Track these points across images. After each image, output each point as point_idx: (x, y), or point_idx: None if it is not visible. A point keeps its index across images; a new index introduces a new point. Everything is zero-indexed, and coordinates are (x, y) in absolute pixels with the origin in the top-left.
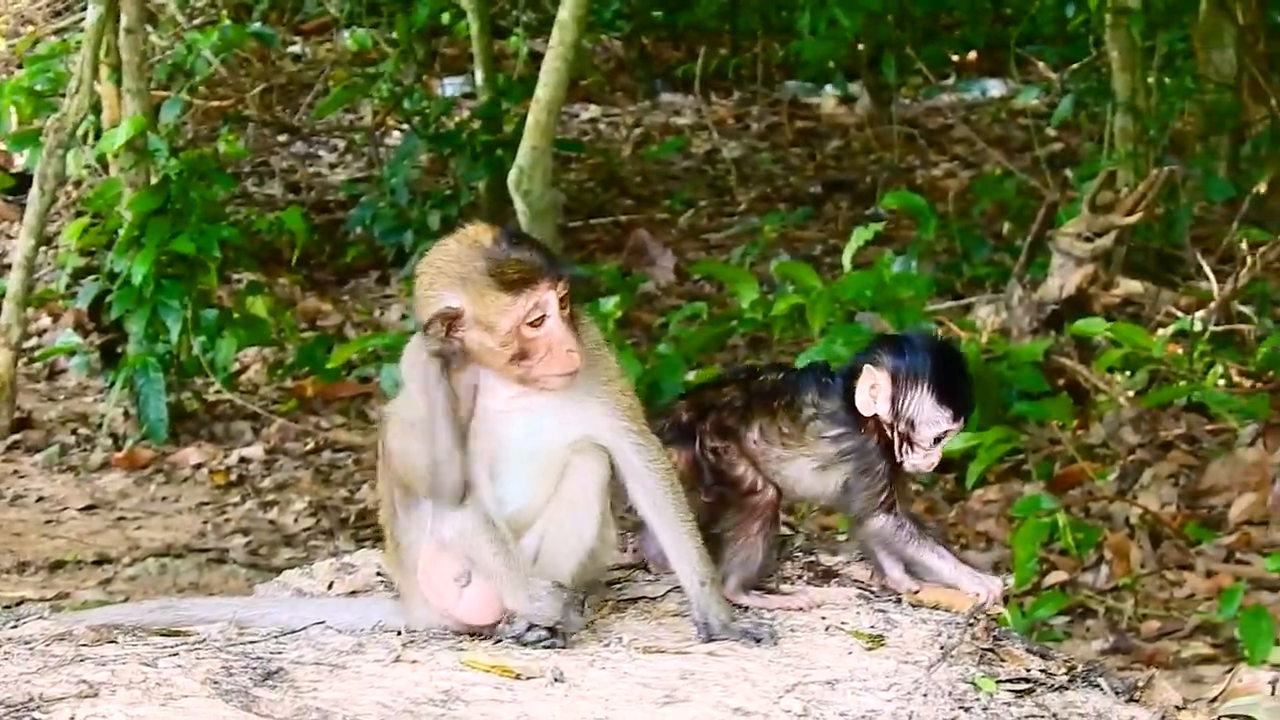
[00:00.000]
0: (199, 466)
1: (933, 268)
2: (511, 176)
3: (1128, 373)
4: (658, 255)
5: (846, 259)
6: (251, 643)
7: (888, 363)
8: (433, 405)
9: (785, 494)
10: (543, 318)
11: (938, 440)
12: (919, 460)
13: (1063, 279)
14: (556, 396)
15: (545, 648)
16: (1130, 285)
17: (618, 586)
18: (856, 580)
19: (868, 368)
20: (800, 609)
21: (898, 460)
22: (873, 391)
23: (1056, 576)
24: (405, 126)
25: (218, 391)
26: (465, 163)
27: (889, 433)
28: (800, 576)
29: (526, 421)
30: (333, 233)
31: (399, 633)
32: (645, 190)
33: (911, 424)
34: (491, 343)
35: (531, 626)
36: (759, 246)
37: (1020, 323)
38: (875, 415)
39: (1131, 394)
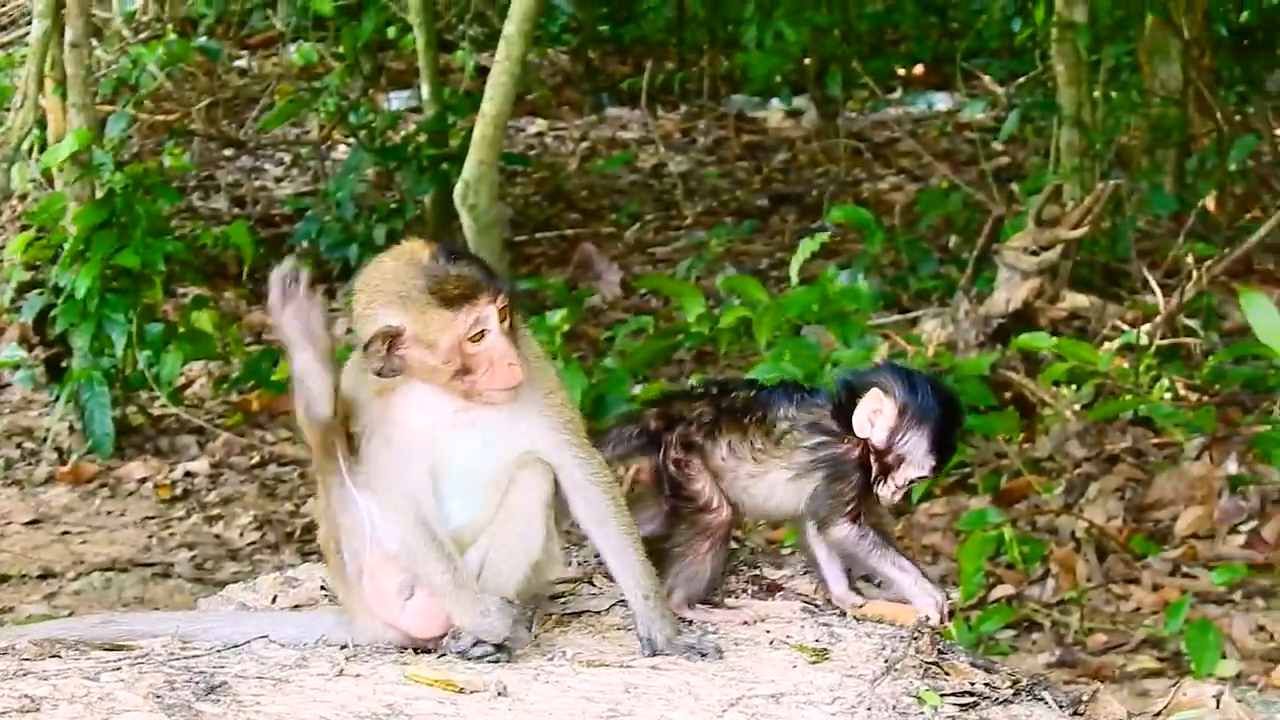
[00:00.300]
0: (144, 480)
1: (879, 281)
2: (458, 190)
3: (1074, 386)
4: (604, 269)
5: (793, 273)
6: (194, 657)
7: (900, 394)
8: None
9: (751, 513)
10: (483, 333)
11: (911, 482)
12: (886, 492)
13: (1008, 293)
14: (499, 411)
15: (491, 663)
16: (1076, 299)
17: (561, 600)
18: (801, 594)
19: (877, 392)
20: (745, 623)
21: (870, 482)
22: (874, 415)
23: (1003, 590)
24: (351, 140)
25: (163, 405)
26: (411, 177)
27: (871, 458)
28: (745, 590)
29: (469, 436)
30: (278, 247)
31: (342, 647)
32: (591, 204)
33: (900, 460)
34: (433, 360)
35: (478, 642)
36: (705, 260)
37: (966, 336)
38: (865, 438)
39: (1078, 408)
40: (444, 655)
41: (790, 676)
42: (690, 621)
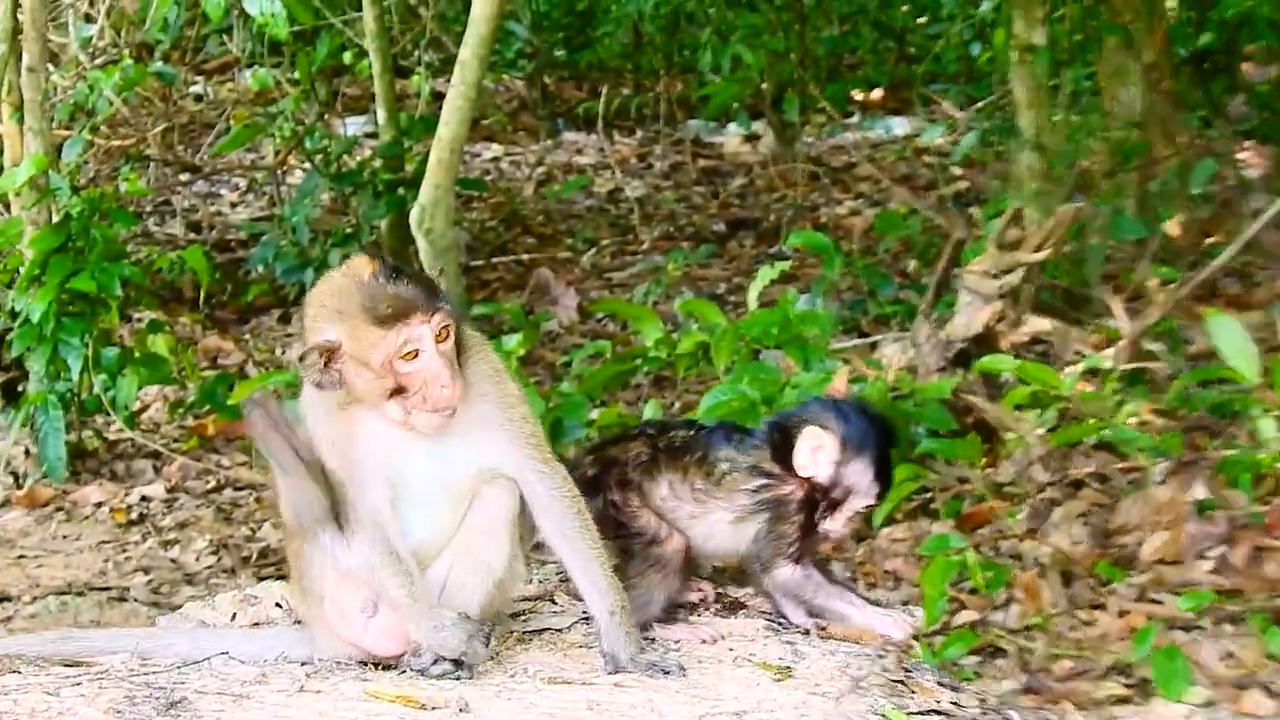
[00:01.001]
0: (100, 505)
1: (838, 305)
2: (414, 215)
3: (1037, 411)
4: (560, 294)
5: (751, 297)
6: (154, 673)
7: (838, 428)
8: (278, 448)
9: (694, 551)
10: (416, 352)
11: (857, 512)
12: (835, 526)
13: (969, 316)
14: (461, 425)
15: (451, 679)
16: (1038, 323)
17: (523, 617)
18: (764, 612)
19: (813, 429)
20: (707, 640)
21: (814, 520)
22: (815, 452)
23: (966, 615)
24: (307, 165)
25: (119, 430)
26: (367, 201)
27: (817, 495)
28: (708, 608)
29: (430, 451)
30: (234, 271)
31: (303, 663)
32: (548, 229)
33: (847, 492)
34: (368, 377)
35: (437, 659)
36: (662, 285)
37: (927, 360)
38: (808, 477)
39: (1041, 432)
40: (405, 672)
41: (754, 694)
42: (652, 638)
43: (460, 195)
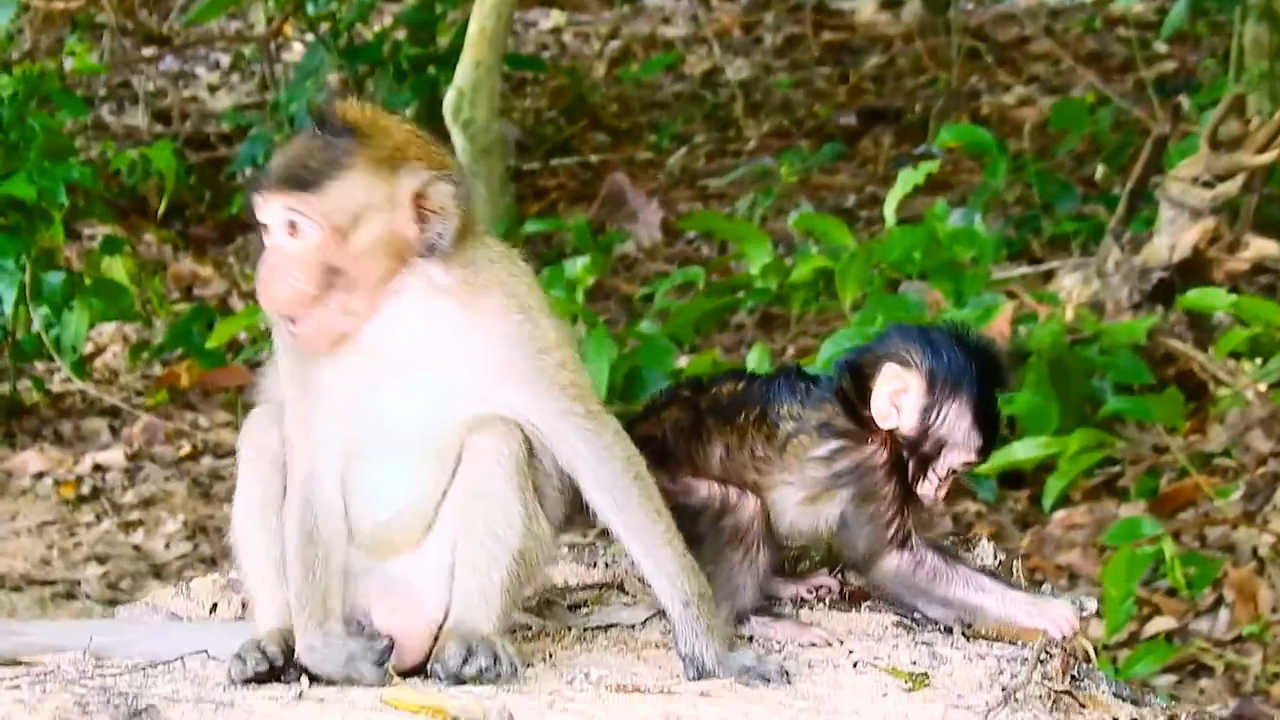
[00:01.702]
0: (41, 476)
1: (1002, 223)
2: (448, 102)
3: (1257, 360)
4: (640, 207)
5: (889, 210)
6: (113, 675)
7: (922, 363)
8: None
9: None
10: (267, 228)
11: (953, 472)
12: (926, 490)
13: (1173, 238)
14: (449, 362)
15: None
16: (1262, 246)
17: (585, 610)
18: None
19: (893, 367)
20: (818, 642)
21: (908, 486)
22: (897, 397)
23: (1161, 623)
24: (309, 37)
25: (65, 379)
26: (387, 84)
27: (904, 452)
28: (821, 601)
29: (398, 394)
30: (214, 175)
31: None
32: (624, 122)
33: (939, 445)
34: None
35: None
36: (773, 195)
37: (1117, 294)
38: (890, 430)
39: (1262, 388)
40: (430, 676)
41: (879, 707)
42: (750, 638)
43: (509, 76)
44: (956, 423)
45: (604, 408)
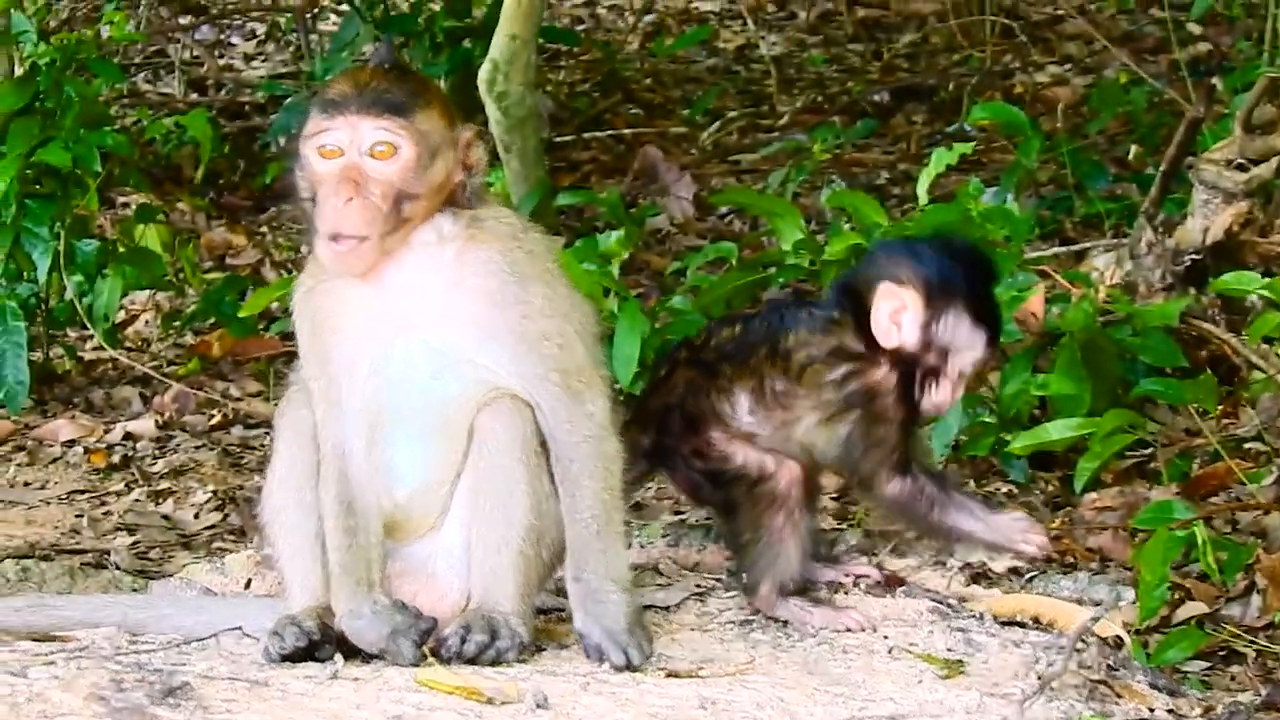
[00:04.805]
0: (72, 444)
1: (1035, 202)
2: (483, 73)
3: None
4: (673, 180)
5: (922, 189)
6: (147, 652)
7: (915, 277)
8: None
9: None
10: (340, 151)
11: (963, 373)
12: (943, 397)
13: (1206, 220)
14: (460, 329)
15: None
16: None
17: None
18: (929, 591)
19: (888, 285)
20: (852, 628)
21: (916, 401)
22: (897, 315)
23: (1192, 608)
24: (344, 7)
25: (97, 348)
26: (423, 54)
27: (911, 367)
28: (857, 585)
29: (417, 366)
30: (248, 144)
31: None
32: (657, 96)
33: (944, 352)
34: (303, 180)
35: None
36: (805, 171)
37: (1150, 276)
38: (894, 347)
39: None
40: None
41: (914, 694)
42: (785, 622)
43: (543, 49)
44: (957, 327)
45: (593, 388)
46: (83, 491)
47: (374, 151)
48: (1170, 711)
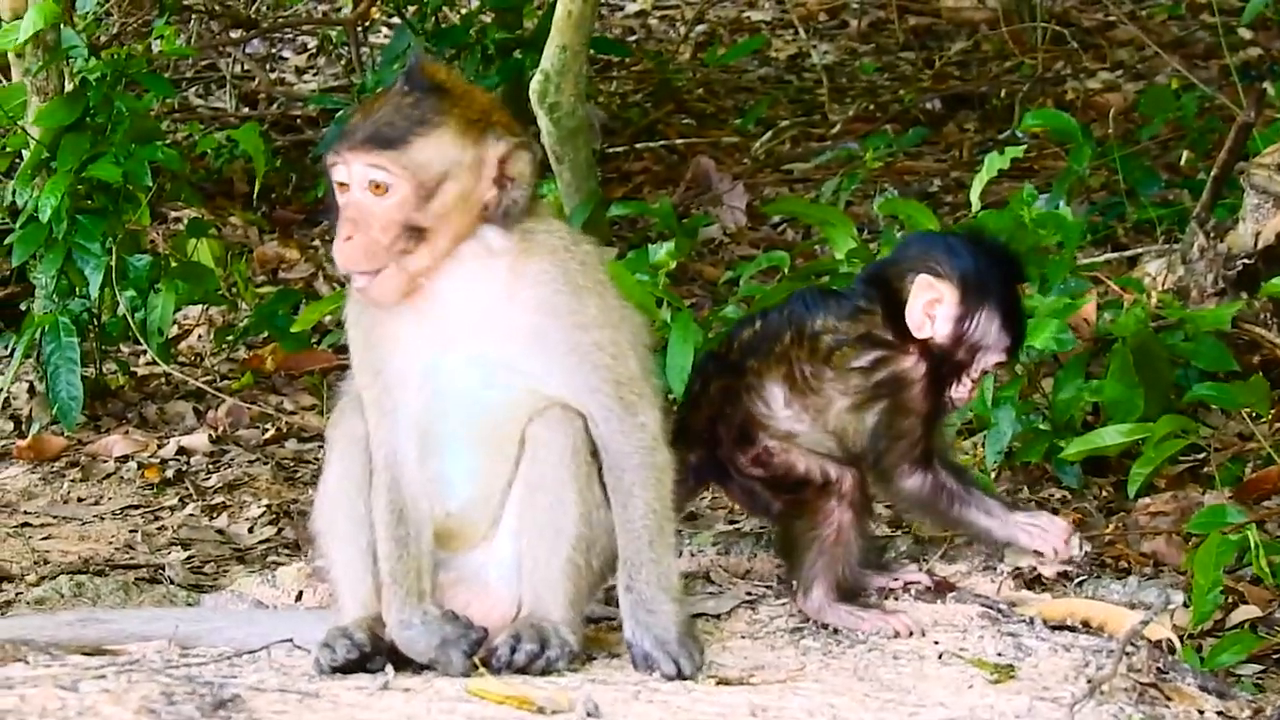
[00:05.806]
0: (125, 459)
1: (1087, 208)
2: (534, 85)
3: None
4: (725, 190)
5: (974, 196)
6: (199, 664)
7: (953, 271)
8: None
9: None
10: (344, 185)
11: (984, 372)
12: (962, 393)
13: (1258, 224)
14: (508, 342)
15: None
16: None
17: None
18: (979, 596)
19: (926, 278)
20: (901, 633)
21: (941, 395)
22: (932, 307)
23: (1246, 612)
24: (395, 20)
25: (150, 362)
26: (474, 66)
27: (938, 360)
28: (907, 591)
29: (469, 377)
30: (300, 158)
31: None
32: (709, 106)
33: (973, 349)
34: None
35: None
36: (858, 180)
37: (1201, 281)
38: (925, 339)
39: None
40: (495, 666)
41: (964, 699)
42: (835, 629)
43: (595, 60)
44: (988, 326)
45: (645, 399)
46: (137, 507)
47: (370, 187)
48: (1220, 714)
